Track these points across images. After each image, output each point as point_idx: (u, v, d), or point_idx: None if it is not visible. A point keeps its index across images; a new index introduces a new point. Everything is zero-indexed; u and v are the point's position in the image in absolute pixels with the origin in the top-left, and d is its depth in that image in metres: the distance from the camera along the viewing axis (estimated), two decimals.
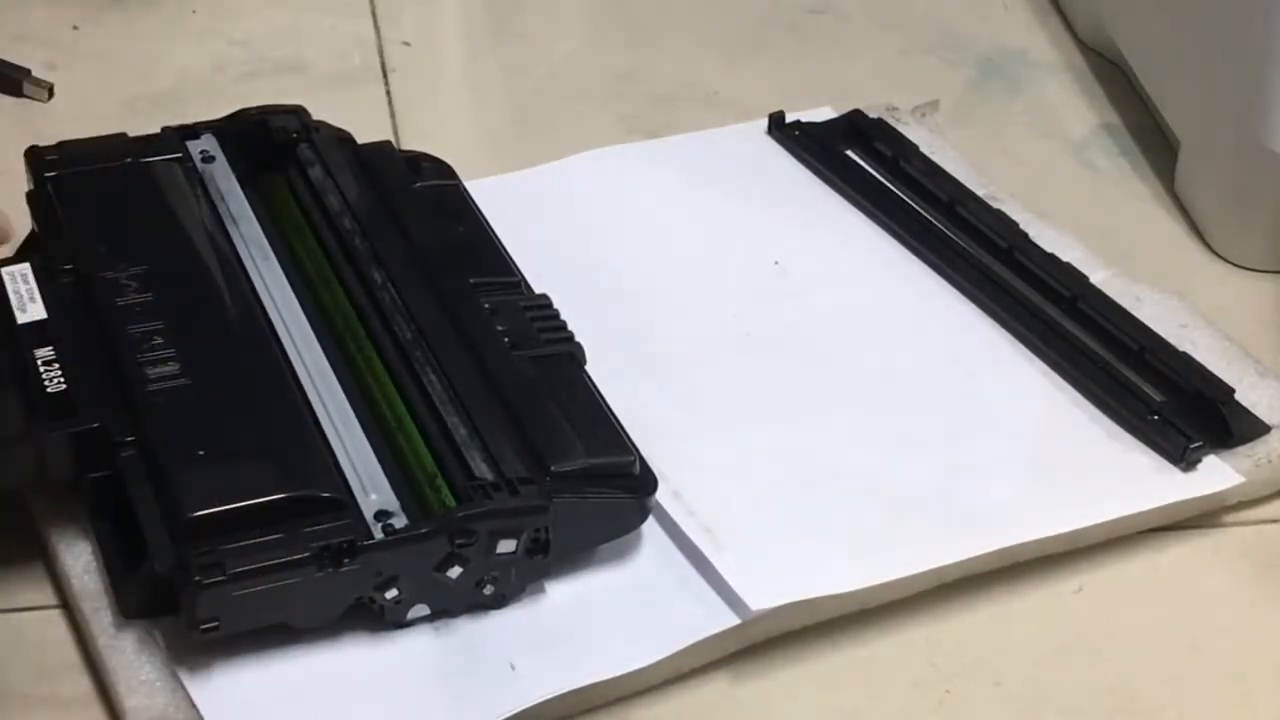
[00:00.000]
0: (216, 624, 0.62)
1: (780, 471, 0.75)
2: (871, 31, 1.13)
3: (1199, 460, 0.77)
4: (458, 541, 0.64)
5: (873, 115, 0.98)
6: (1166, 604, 0.73)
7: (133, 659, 0.64)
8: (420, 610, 0.66)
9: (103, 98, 0.93)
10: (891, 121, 0.98)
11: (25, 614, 0.68)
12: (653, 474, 0.70)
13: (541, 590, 0.68)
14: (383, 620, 0.65)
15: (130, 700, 0.63)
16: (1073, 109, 1.07)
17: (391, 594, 0.64)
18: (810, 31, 1.13)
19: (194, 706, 0.62)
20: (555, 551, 0.67)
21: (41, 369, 0.67)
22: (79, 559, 0.67)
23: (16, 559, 0.69)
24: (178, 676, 0.63)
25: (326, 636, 0.65)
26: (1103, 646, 0.71)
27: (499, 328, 0.73)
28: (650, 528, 0.71)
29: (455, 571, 0.65)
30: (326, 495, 0.64)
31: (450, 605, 0.66)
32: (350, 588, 0.64)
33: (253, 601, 0.62)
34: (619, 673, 0.65)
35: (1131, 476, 0.77)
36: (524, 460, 0.67)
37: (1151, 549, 0.76)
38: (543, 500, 0.66)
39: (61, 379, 0.67)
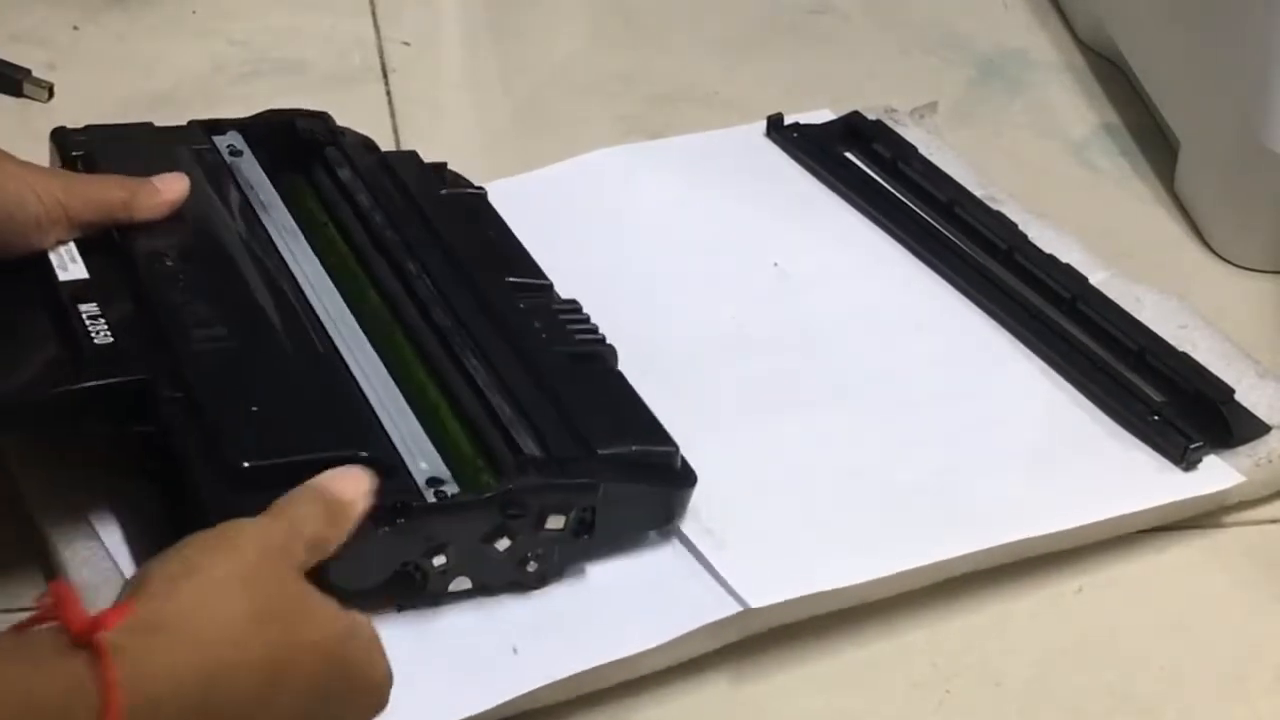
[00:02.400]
0: None
1: (780, 470, 0.75)
2: (871, 32, 1.13)
3: (1199, 460, 0.77)
4: (509, 512, 0.64)
5: (871, 117, 0.98)
6: (1166, 604, 0.73)
7: None
8: (462, 583, 0.65)
9: (102, 98, 0.93)
10: (890, 123, 0.98)
11: (25, 615, 0.68)
12: (691, 468, 0.70)
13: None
14: (424, 592, 0.65)
15: None
16: (1073, 109, 1.07)
17: (439, 561, 0.64)
18: (810, 32, 1.13)
19: None
20: (598, 535, 0.67)
21: (87, 323, 0.67)
22: (77, 555, 0.67)
23: (16, 559, 0.69)
24: None
25: None
26: (1103, 646, 0.71)
27: (535, 324, 0.74)
28: None
29: (503, 544, 0.65)
30: (380, 458, 0.63)
31: (492, 580, 0.66)
32: (400, 551, 0.63)
33: None
34: (619, 656, 0.66)
35: (1132, 476, 0.77)
36: (571, 441, 0.67)
37: (1152, 549, 0.76)
38: (593, 479, 0.66)
39: (108, 333, 0.67)
